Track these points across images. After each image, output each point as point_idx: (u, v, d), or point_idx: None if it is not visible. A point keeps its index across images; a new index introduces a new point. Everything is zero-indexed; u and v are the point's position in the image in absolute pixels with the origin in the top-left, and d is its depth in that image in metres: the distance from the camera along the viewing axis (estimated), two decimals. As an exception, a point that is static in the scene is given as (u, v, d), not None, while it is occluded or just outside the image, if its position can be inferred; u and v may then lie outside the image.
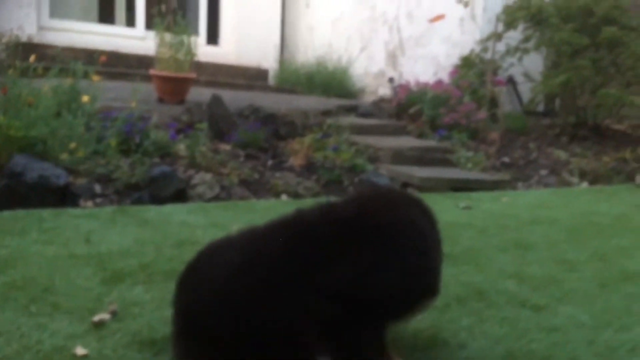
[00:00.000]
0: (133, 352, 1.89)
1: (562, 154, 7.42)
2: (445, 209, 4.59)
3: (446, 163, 6.35)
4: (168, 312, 2.22)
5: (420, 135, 7.16)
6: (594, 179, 6.67)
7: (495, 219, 4.30)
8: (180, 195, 4.31)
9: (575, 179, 6.64)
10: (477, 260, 3.16)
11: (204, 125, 5.53)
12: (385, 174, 5.64)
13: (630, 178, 6.73)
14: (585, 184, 6.49)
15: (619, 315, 2.49)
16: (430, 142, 6.82)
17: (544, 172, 6.84)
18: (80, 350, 1.88)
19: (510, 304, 2.52)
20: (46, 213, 3.55)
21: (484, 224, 4.12)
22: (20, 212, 3.57)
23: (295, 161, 5.50)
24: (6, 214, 3.55)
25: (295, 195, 4.76)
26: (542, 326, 2.30)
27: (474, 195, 5.29)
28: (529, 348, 2.09)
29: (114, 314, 2.18)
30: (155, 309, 2.26)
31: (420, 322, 2.25)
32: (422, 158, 6.17)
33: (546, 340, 2.17)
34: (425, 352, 2.03)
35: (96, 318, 2.12)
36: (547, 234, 3.94)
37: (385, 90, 9.82)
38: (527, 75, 8.42)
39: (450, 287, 2.69)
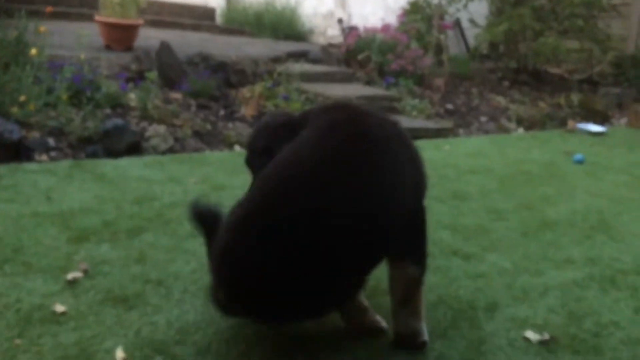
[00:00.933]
0: (108, 308, 2.10)
1: (502, 101, 7.81)
2: (391, 159, 4.89)
3: (393, 111, 6.59)
4: (136, 270, 2.43)
5: (369, 82, 7.35)
6: (530, 125, 7.10)
7: (436, 169, 4.61)
8: (135, 148, 4.40)
9: (512, 125, 7.04)
10: (417, 212, 3.47)
11: (154, 75, 5.53)
12: (334, 123, 5.85)
13: (563, 123, 7.19)
14: (521, 130, 6.91)
15: (536, 261, 2.86)
16: (378, 90, 7.02)
17: (484, 118, 7.21)
18: (59, 308, 2.06)
19: (444, 253, 2.84)
20: (3, 169, 3.61)
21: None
22: (-25, 169, 3.62)
23: (247, 111, 5.62)
24: (-39, 170, 3.59)
25: (248, 146, 4.91)
26: (469, 273, 2.63)
27: (419, 143, 5.55)
28: (457, 294, 2.41)
29: (85, 272, 2.36)
30: (123, 266, 2.45)
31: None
32: (369, 106, 6.39)
33: (472, 286, 2.50)
34: (368, 300, 2.32)
35: (69, 276, 2.30)
36: (482, 183, 4.29)
37: (334, 32, 9.87)
38: (472, 21, 8.68)
39: (391, 239, 3.00)
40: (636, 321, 2.30)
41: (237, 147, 4.89)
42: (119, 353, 1.82)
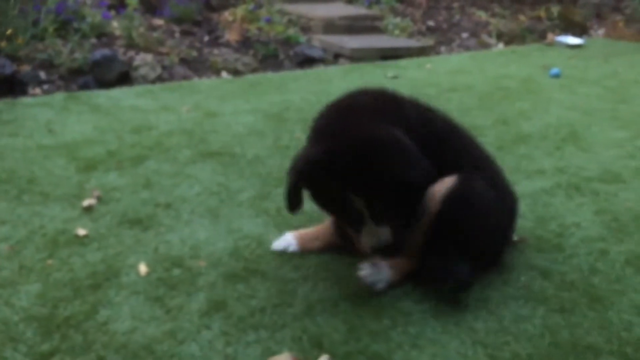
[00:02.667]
0: (126, 230, 2.33)
1: (483, 15, 7.85)
2: (375, 80, 5.02)
3: (375, 30, 6.66)
4: (145, 195, 2.65)
5: (350, 1, 7.33)
6: (510, 39, 7.20)
7: (419, 88, 4.78)
8: (125, 78, 4.50)
9: (493, 41, 7.15)
10: (400, 131, 3.68)
11: (135, 1, 5.51)
12: (318, 45, 5.92)
13: (542, 37, 7.30)
14: (501, 45, 7.02)
15: (510, 173, 3.10)
16: (360, 10, 7.02)
17: (465, 34, 7.28)
18: (80, 231, 2.29)
19: (426, 169, 3.08)
20: (0, 104, 3.72)
21: (408, 93, 4.60)
22: (-27, 105, 3.73)
23: (231, 36, 5.66)
24: (-41, 107, 3.70)
25: (235, 72, 5.02)
26: (449, 186, 2.89)
27: (401, 63, 5.72)
28: (437, 205, 2.68)
29: (98, 198, 2.58)
30: (132, 192, 2.67)
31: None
32: (352, 27, 6.44)
33: (451, 198, 2.76)
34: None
35: (85, 203, 2.52)
36: (463, 101, 4.48)
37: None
38: None
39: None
40: (595, 222, 2.59)
41: (224, 74, 4.99)
42: (142, 267, 2.07)
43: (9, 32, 4.30)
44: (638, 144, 3.62)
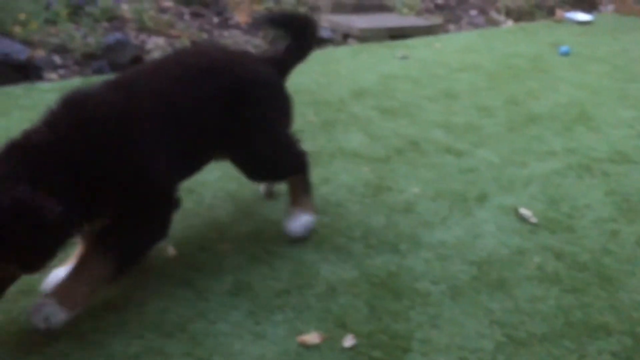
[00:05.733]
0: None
1: (489, -9, 7.80)
2: (384, 60, 5.06)
3: (383, 9, 6.64)
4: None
5: (358, -21, 7.28)
6: (519, 16, 7.17)
7: (428, 69, 4.82)
8: (137, 62, 4.53)
9: (502, 18, 7.12)
10: (412, 113, 3.73)
11: (144, -18, 5.51)
12: (326, 25, 5.93)
13: (551, 13, 7.26)
14: (510, 23, 7.00)
15: (521, 154, 3.18)
16: (368, -13, 6.98)
17: (473, 12, 7.26)
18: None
19: (438, 151, 3.15)
20: (18, 90, 3.78)
21: (418, 74, 4.64)
22: (-8, 91, 3.78)
23: (240, 18, 5.67)
24: (-22, 93, 3.76)
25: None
26: (461, 168, 2.95)
27: (410, 42, 5.72)
28: (451, 187, 2.75)
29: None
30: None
31: (368, 174, 2.86)
32: (360, 6, 6.43)
33: (464, 180, 2.83)
34: (373, 198, 2.65)
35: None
36: (472, 81, 4.51)
37: None
38: None
39: (390, 140, 3.29)
40: (605, 203, 2.66)
41: (235, 55, 5.02)
42: (171, 250, 2.15)
43: (22, 16, 4.34)
44: (647, 123, 3.67)
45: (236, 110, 2.05)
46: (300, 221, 2.25)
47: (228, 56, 2.23)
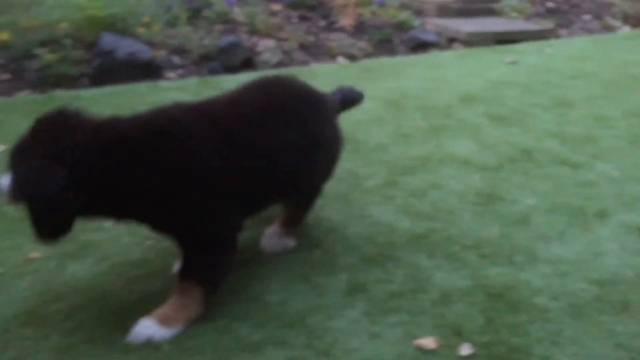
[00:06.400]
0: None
1: (606, -4, 7.40)
2: (492, 66, 4.94)
3: (490, 13, 6.49)
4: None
5: (464, -17, 7.15)
6: (637, 22, 6.75)
7: (538, 75, 4.65)
8: (249, 63, 4.73)
9: (618, 23, 6.74)
10: (523, 121, 3.63)
11: (256, -13, 5.72)
12: (432, 29, 5.88)
13: (673, 19, 6.78)
14: (627, 29, 6.61)
15: (645, 169, 3.00)
16: (476, -9, 6.85)
17: (587, 17, 6.92)
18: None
19: (553, 162, 3.04)
20: (143, 87, 4.06)
21: (528, 80, 4.50)
22: (119, 87, 4.09)
23: (345, 20, 5.75)
24: (108, 89, 4.08)
25: (350, 57, 5.12)
26: (578, 181, 2.83)
27: (519, 47, 5.55)
28: (568, 201, 2.64)
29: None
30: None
31: (479, 182, 2.81)
32: (466, 9, 6.32)
33: (582, 193, 2.71)
34: (485, 207, 2.60)
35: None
36: (587, 89, 4.31)
37: None
38: None
39: (501, 148, 3.22)
40: None
41: (340, 58, 5.10)
42: (291, 242, 2.23)
43: (146, 19, 4.64)
44: None
45: (309, 156, 2.06)
46: (281, 242, 2.22)
47: (304, 102, 2.16)
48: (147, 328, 1.77)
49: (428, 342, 1.75)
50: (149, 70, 4.36)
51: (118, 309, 1.90)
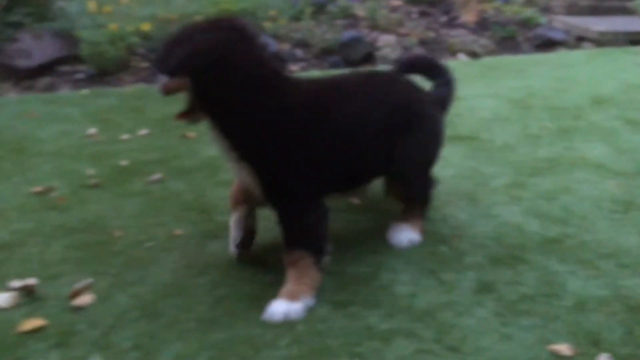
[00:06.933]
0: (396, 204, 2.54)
1: None
2: (625, 67, 4.64)
3: (623, 11, 6.08)
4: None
5: (596, -21, 6.75)
6: None
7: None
8: (369, 58, 4.78)
9: None
10: (664, 127, 3.38)
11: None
12: (559, 27, 5.61)
13: None
14: None
15: None
16: (609, -12, 6.45)
17: None
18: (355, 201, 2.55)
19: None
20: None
21: (667, 85, 4.18)
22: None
23: (467, 17, 5.63)
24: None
25: (472, 54, 5.01)
26: None
27: (655, 49, 5.17)
28: None
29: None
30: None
31: (615, 188, 2.66)
32: (598, 7, 5.97)
33: None
34: (623, 215, 2.46)
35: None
36: None
37: None
38: None
39: (639, 154, 3.02)
40: None
41: (461, 55, 5.01)
42: (415, 237, 2.25)
43: (272, 13, 4.82)
44: None
45: (404, 136, 2.16)
46: (404, 235, 2.24)
47: (406, 88, 2.30)
48: (280, 306, 1.86)
49: (563, 348, 1.70)
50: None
51: (254, 288, 2.01)
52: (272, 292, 1.93)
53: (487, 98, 3.95)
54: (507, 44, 5.27)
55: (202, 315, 1.87)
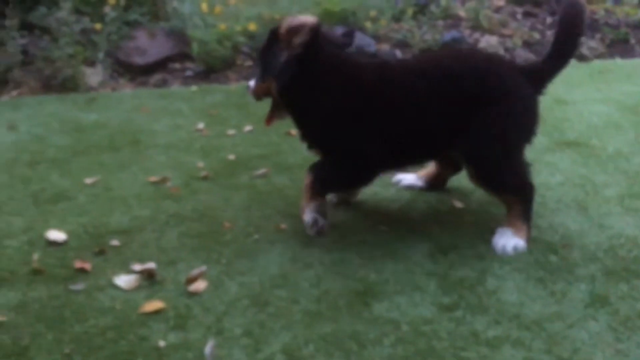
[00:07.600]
0: (495, 208, 2.49)
1: None
2: None
3: None
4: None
5: None
6: None
7: None
8: (469, 59, 4.68)
9: None
10: None
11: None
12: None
13: None
14: None
15: None
16: None
17: None
18: (457, 204, 2.53)
19: None
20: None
21: None
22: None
23: (577, 17, 5.37)
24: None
25: (580, 57, 4.78)
26: None
27: None
28: None
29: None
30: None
31: None
32: None
33: None
34: None
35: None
36: None
37: None
38: None
39: None
40: None
41: (569, 58, 4.79)
42: (520, 244, 2.20)
43: (372, 13, 4.84)
44: None
45: (477, 112, 2.18)
46: (509, 241, 2.17)
47: (484, 61, 2.34)
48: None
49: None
50: (373, 63, 4.55)
51: (357, 284, 2.05)
52: (375, 290, 1.96)
53: (597, 103, 3.76)
54: (619, 46, 4.98)
55: (307, 307, 1.93)
